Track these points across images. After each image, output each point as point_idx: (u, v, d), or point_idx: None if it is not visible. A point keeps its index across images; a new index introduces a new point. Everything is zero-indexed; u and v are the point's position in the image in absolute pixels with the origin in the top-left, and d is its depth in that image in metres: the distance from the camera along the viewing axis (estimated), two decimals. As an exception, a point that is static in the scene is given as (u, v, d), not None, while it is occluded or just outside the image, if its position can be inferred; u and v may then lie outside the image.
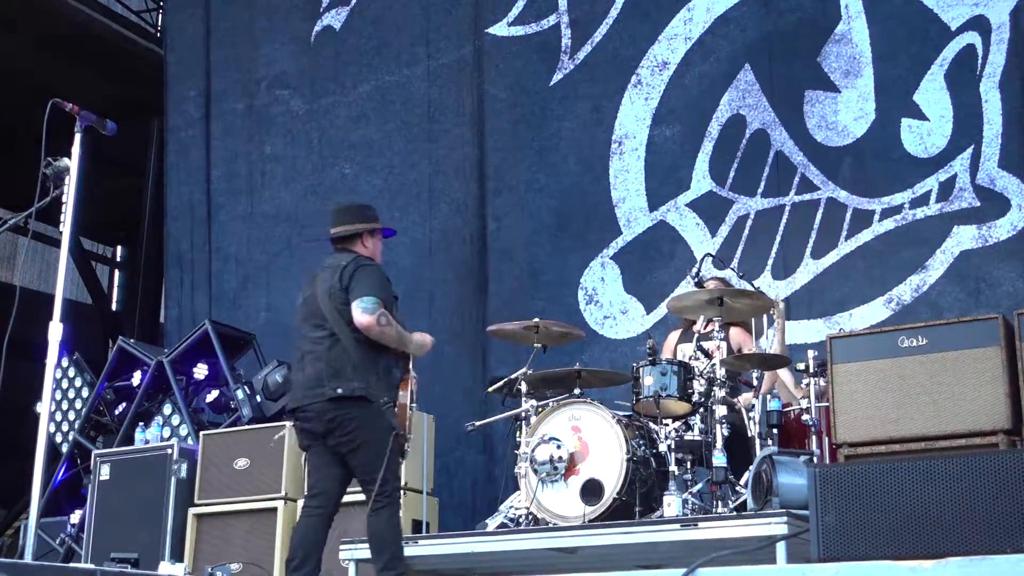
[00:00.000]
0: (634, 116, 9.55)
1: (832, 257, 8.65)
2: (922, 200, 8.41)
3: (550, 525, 6.49)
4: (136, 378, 9.64)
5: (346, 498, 7.75)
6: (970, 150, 8.31)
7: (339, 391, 5.51)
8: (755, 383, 6.84)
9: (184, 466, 8.24)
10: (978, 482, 3.91)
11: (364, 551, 6.86)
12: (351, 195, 10.63)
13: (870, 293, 8.44)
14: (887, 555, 3.88)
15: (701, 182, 9.24)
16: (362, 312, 5.54)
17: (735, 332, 7.44)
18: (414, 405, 5.92)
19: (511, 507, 6.98)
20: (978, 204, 8.22)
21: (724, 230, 9.04)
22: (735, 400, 6.87)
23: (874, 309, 8.40)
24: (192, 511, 8.24)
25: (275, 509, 7.96)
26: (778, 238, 8.85)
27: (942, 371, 6.09)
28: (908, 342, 6.21)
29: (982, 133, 8.28)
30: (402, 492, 5.78)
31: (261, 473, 8.14)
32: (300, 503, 7.86)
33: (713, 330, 6.82)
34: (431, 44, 10.52)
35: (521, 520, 6.79)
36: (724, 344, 7.13)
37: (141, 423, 9.14)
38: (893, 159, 8.55)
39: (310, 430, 5.69)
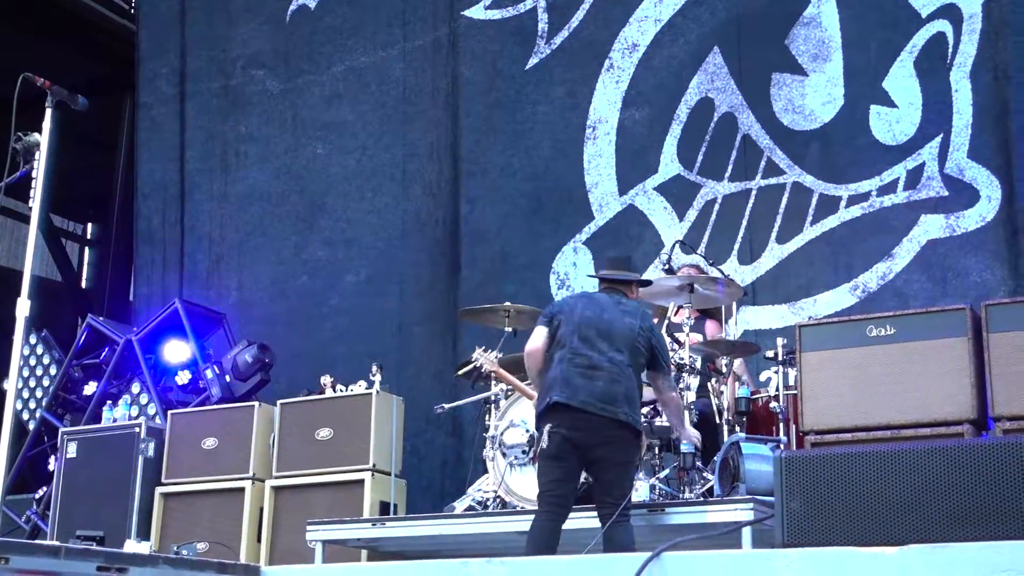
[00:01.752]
0: (607, 100, 9.54)
1: (797, 242, 8.66)
2: (889, 188, 8.42)
3: (518, 509, 6.51)
4: (105, 356, 9.59)
5: (310, 480, 7.79)
6: (939, 139, 8.33)
7: (629, 418, 5.74)
8: (724, 370, 6.87)
9: (152, 445, 8.21)
10: (942, 471, 3.94)
11: (330, 532, 6.87)
12: (324, 176, 10.60)
13: (835, 279, 8.47)
14: (851, 541, 3.91)
15: (669, 165, 9.24)
16: (671, 388, 6.08)
17: (711, 326, 7.45)
18: None
19: (479, 490, 7.00)
20: (946, 194, 8.24)
21: (692, 214, 9.04)
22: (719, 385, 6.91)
23: (839, 296, 8.42)
24: (159, 490, 8.22)
25: (243, 489, 7.95)
26: (744, 223, 8.85)
27: (909, 361, 6.13)
28: (876, 331, 6.25)
29: (951, 122, 8.30)
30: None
31: (229, 453, 8.12)
32: (268, 484, 7.90)
33: (684, 318, 6.82)
34: (407, 25, 10.46)
35: (489, 503, 6.81)
36: (701, 337, 7.15)
37: (109, 401, 9.09)
38: (861, 145, 8.56)
39: (578, 441, 5.72)
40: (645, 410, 6.69)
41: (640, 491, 6.17)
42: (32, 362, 9.90)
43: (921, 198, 8.31)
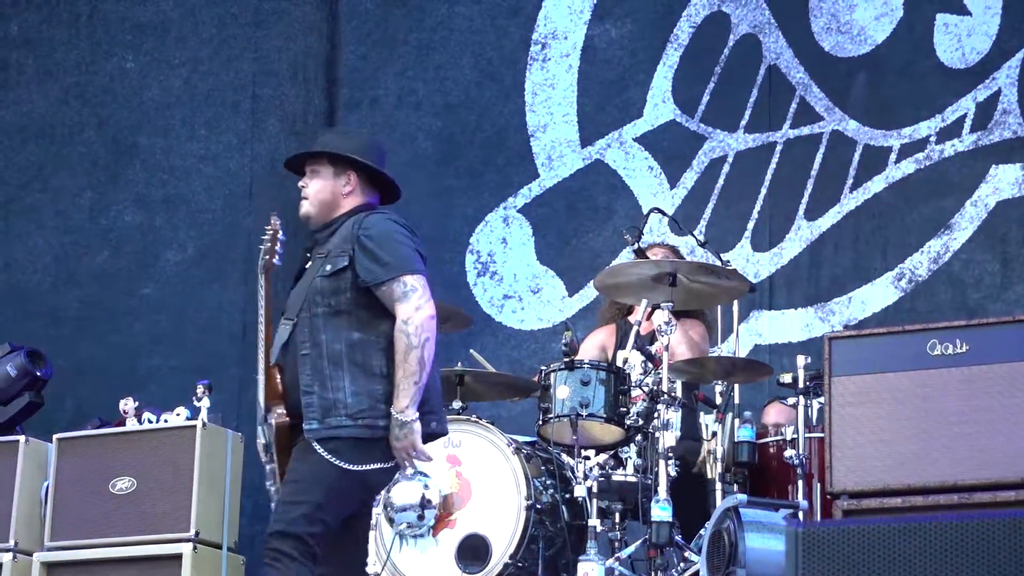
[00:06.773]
0: (567, 6, 9.58)
1: (832, 217, 8.78)
2: (953, 130, 8.58)
3: (410, 601, 6.51)
4: None
5: (100, 553, 7.69)
6: (1020, 55, 8.48)
7: None
8: (719, 400, 6.90)
9: None
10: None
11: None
12: (135, 102, 10.51)
13: (876, 266, 8.61)
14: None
15: (660, 108, 9.30)
16: None
17: (695, 330, 7.48)
18: None
19: (353, 573, 6.98)
20: (1027, 134, 8.43)
21: (690, 178, 9.13)
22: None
23: (880, 290, 8.56)
24: None
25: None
26: (763, 192, 8.96)
27: (989, 393, 6.16)
28: (942, 348, 6.26)
29: (1040, 29, 8.47)
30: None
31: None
32: (38, 559, 7.82)
33: (662, 322, 6.81)
34: None
35: (367, 593, 6.78)
36: (681, 347, 7.18)
37: None
38: (921, 72, 8.72)
39: None
40: (601, 458, 6.72)
41: (591, 577, 6.19)
42: None
43: (992, 141, 8.48)
